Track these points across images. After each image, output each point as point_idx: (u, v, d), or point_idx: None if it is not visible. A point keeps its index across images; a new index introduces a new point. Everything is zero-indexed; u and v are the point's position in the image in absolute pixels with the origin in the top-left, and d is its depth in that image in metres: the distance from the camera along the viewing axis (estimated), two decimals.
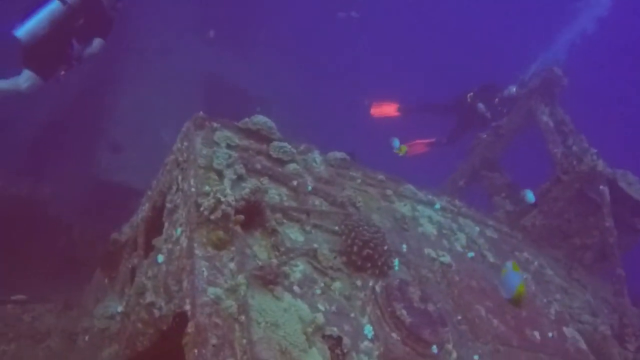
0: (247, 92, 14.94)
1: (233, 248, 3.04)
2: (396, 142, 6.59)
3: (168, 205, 3.56)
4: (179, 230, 3.19)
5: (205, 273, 2.83)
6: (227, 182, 3.47)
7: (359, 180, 4.69)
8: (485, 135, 7.74)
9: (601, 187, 5.65)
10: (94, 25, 6.53)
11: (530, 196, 5.99)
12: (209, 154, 3.64)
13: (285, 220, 3.57)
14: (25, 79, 6.25)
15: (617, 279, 5.40)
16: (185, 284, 2.82)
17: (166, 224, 3.48)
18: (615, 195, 5.85)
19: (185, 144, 3.79)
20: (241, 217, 3.13)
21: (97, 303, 4.29)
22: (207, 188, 3.23)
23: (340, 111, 18.06)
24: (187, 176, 3.45)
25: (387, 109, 10.64)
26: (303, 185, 3.97)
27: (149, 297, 3.21)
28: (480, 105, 8.52)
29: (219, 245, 3.01)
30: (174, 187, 3.65)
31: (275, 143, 4.17)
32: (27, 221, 7.06)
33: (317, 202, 3.98)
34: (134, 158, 10.81)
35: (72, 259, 7.36)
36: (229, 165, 3.59)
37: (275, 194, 3.77)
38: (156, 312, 3.14)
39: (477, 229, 5.44)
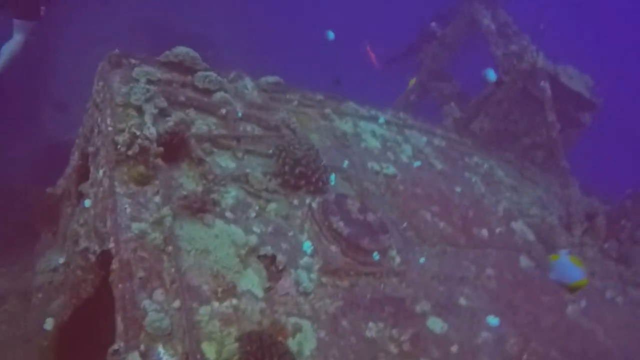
0: (200, 38, 14.32)
1: (157, 182, 2.95)
2: None
3: (91, 149, 3.42)
4: (100, 171, 3.08)
5: (128, 209, 2.75)
6: (147, 117, 3.32)
7: (295, 103, 4.58)
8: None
9: (542, 83, 5.65)
10: None
11: (491, 74, 5.87)
12: (127, 91, 3.47)
13: (215, 149, 3.48)
14: (18, 29, 6.29)
15: (562, 172, 5.53)
16: (109, 222, 2.75)
17: (91, 168, 3.36)
18: (557, 91, 5.87)
19: (101, 83, 3.60)
20: (159, 149, 3.02)
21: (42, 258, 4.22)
22: (122, 125, 3.09)
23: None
24: (105, 116, 3.30)
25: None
26: (232, 113, 3.85)
27: (83, 243, 3.15)
28: (433, 24, 8.27)
29: (142, 181, 2.92)
30: (95, 130, 3.50)
31: (200, 73, 3.99)
32: None
33: (249, 128, 3.88)
34: (80, 115, 10.43)
35: (29, 223, 7.20)
36: (147, 100, 3.43)
37: (203, 124, 3.65)
38: (91, 257, 3.09)
39: (424, 139, 5.44)
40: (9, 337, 4.43)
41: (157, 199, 2.87)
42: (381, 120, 5.23)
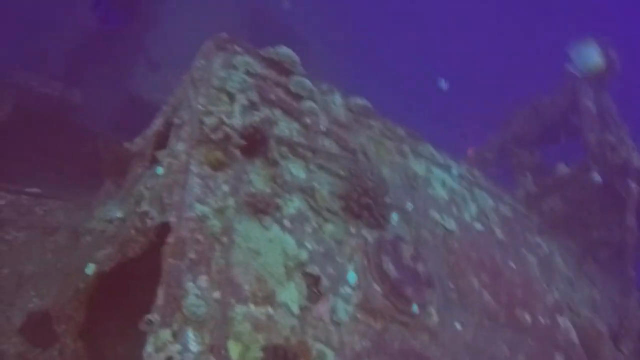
0: (291, 29, 14.64)
1: (230, 171, 3.01)
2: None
3: (176, 120, 3.53)
4: (181, 145, 3.17)
5: (197, 190, 2.82)
6: (237, 107, 3.41)
7: (376, 130, 4.56)
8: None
9: (631, 183, 5.37)
10: None
11: (442, 84, 5.64)
12: (225, 76, 3.57)
13: (290, 155, 3.51)
14: None
15: (626, 279, 5.21)
16: (175, 197, 2.82)
17: (171, 138, 3.47)
18: None
19: (203, 62, 3.72)
20: (242, 141, 3.08)
21: (101, 206, 4.39)
22: (212, 108, 3.18)
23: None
24: (198, 94, 3.40)
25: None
26: (316, 124, 3.88)
27: (144, 206, 3.24)
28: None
29: (216, 166, 2.99)
30: (185, 103, 3.62)
31: (296, 77, 4.06)
32: (57, 122, 7.22)
33: (327, 143, 3.90)
34: (169, 77, 10.87)
35: (94, 165, 7.55)
36: (242, 90, 3.52)
37: (286, 127, 3.70)
38: (149, 222, 3.17)
39: (492, 203, 5.28)
40: (51, 267, 4.64)
41: (226, 188, 2.92)
42: (454, 171, 5.12)
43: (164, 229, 2.84)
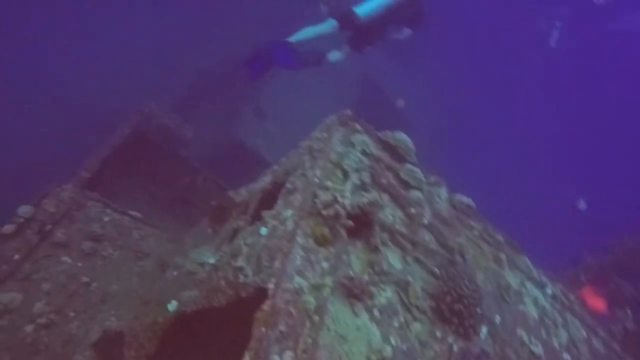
0: (396, 106, 14.97)
1: (332, 249, 3.04)
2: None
3: (288, 185, 3.65)
4: (290, 212, 3.25)
5: (298, 262, 2.86)
6: (349, 185, 3.47)
7: (476, 232, 4.45)
8: None
9: None
10: (412, 17, 7.28)
11: (581, 205, 5.03)
12: (343, 152, 3.68)
13: (390, 243, 3.49)
14: (337, 52, 7.07)
15: None
16: (277, 263, 2.88)
17: (280, 201, 3.58)
18: None
19: (325, 134, 3.87)
20: (350, 222, 3.11)
21: (194, 247, 4.57)
22: (329, 184, 3.26)
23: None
24: (315, 165, 3.52)
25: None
26: (419, 216, 3.85)
27: (240, 262, 3.33)
28: None
29: (320, 241, 3.02)
30: (300, 171, 3.74)
31: (408, 166, 4.10)
32: (166, 152, 7.75)
33: (427, 237, 3.84)
34: (272, 127, 11.40)
35: (190, 199, 7.97)
36: (357, 170, 3.60)
37: (390, 214, 3.70)
38: (241, 278, 3.24)
39: (584, 334, 4.89)
40: (134, 290, 4.85)
41: (325, 265, 2.94)
42: (548, 291, 4.83)
43: (256, 291, 2.89)
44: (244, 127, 10.89)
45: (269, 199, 4.04)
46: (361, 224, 3.27)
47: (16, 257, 4.62)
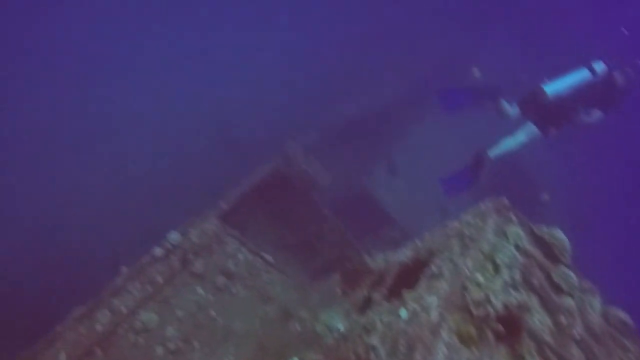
0: (535, 179, 14.11)
1: (476, 352, 2.86)
2: None
3: (433, 268, 3.55)
4: (435, 300, 3.14)
5: (440, 358, 2.73)
6: (499, 281, 3.28)
7: (632, 356, 3.93)
8: None
9: None
10: (603, 98, 6.97)
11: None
12: (496, 245, 3.51)
13: (536, 354, 3.20)
14: (527, 132, 6.95)
15: None
16: (417, 355, 2.77)
17: (422, 284, 3.48)
18: None
19: (478, 221, 3.72)
20: (500, 327, 2.92)
21: (321, 304, 4.61)
22: (481, 279, 3.11)
23: None
24: (466, 254, 3.39)
25: None
26: (570, 327, 3.51)
27: (374, 340, 3.27)
28: None
29: (465, 340, 2.87)
30: (446, 254, 3.63)
31: (562, 268, 3.79)
32: (300, 195, 8.03)
33: (576, 353, 3.47)
34: (402, 185, 11.34)
35: (315, 246, 8.11)
36: (509, 266, 3.39)
37: (538, 320, 3.42)
38: (373, 357, 3.18)
39: None
40: (254, 334, 4.99)
41: None
42: None
43: None
44: (376, 180, 10.98)
45: (407, 276, 3.96)
46: (510, 328, 3.05)
47: (160, 280, 5.01)
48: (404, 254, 4.27)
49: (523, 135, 6.75)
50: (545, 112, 6.58)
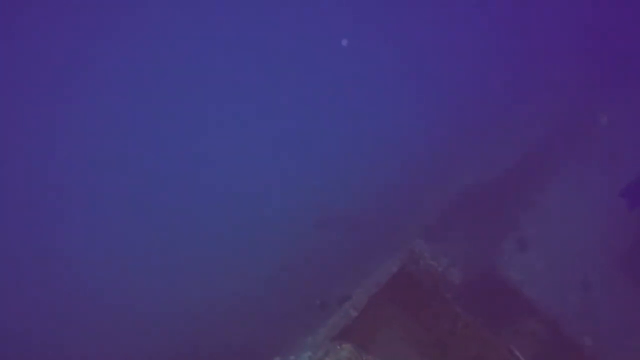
0: None
1: None
2: None
3: None
4: None
5: None
6: None
7: None
8: None
9: None
10: None
11: None
12: None
13: None
14: None
15: None
16: None
17: None
18: None
19: None
20: None
21: None
22: None
23: None
24: None
25: None
26: None
27: None
28: None
29: None
30: None
31: None
32: (431, 294, 7.88)
33: None
34: (537, 262, 10.65)
35: (448, 344, 7.86)
36: None
37: None
38: None
39: None
40: None
41: None
42: None
43: None
44: (505, 260, 10.45)
45: None
46: None
47: None
48: None
49: None
50: None
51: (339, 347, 5.83)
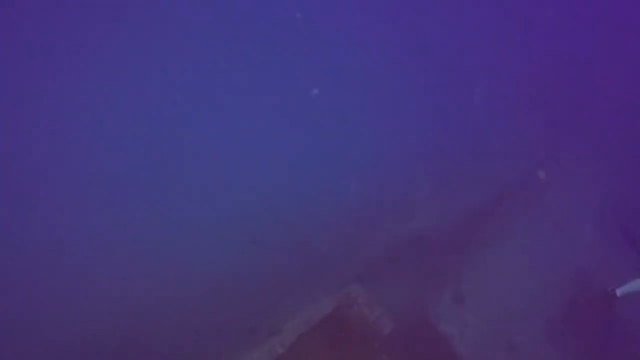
0: None
1: None
2: None
3: None
4: None
5: None
6: None
7: None
8: None
9: None
10: None
11: None
12: None
13: None
14: None
15: None
16: None
17: None
18: None
19: None
20: None
21: None
22: None
23: None
24: None
25: None
26: None
27: None
28: None
29: None
30: None
31: None
32: (361, 340, 7.80)
33: None
34: (466, 315, 10.75)
35: None
36: None
37: None
38: None
39: None
40: None
41: None
42: None
43: None
44: (440, 311, 10.52)
45: None
46: None
47: None
48: None
49: None
50: None
51: None
